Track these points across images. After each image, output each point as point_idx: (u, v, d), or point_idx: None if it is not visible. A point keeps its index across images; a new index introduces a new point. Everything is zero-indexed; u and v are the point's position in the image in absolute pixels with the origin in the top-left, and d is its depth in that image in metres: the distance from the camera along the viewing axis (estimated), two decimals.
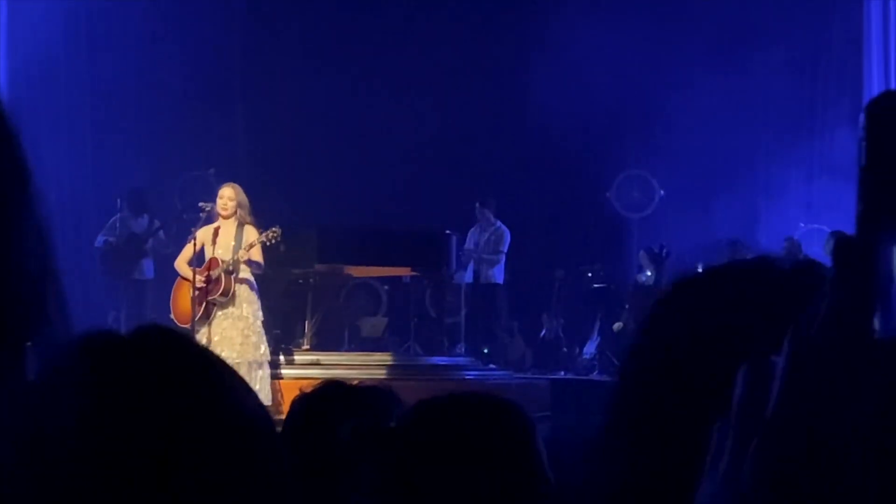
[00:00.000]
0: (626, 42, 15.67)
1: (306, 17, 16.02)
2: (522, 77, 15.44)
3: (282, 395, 10.41)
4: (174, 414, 0.94)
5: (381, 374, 11.40)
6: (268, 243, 10.33)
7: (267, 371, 10.21)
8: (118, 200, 13.61)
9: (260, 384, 9.97)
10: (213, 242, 10.01)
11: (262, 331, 10.26)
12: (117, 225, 13.41)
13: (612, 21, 15.76)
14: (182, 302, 10.33)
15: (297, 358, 11.95)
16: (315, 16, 16.08)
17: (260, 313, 10.23)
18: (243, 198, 10.13)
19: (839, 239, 0.80)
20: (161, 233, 13.09)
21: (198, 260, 10.33)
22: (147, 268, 13.18)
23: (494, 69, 15.71)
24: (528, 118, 15.48)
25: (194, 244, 10.03)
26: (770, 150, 15.29)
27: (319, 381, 2.50)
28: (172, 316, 10.37)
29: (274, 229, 10.27)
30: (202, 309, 9.98)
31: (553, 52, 15.33)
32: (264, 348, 10.24)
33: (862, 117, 0.82)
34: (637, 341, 1.14)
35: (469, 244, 14.08)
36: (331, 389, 2.44)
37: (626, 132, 15.69)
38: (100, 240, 13.50)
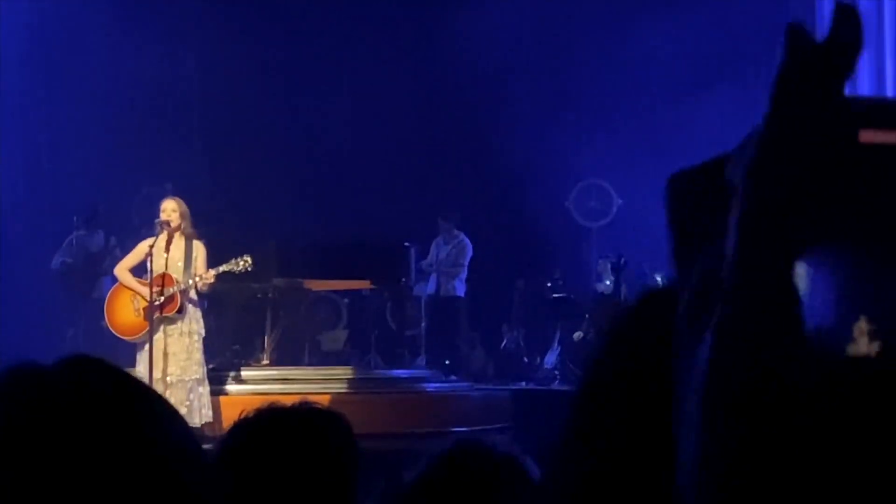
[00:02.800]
0: (583, 52, 15.74)
1: (264, 32, 15.97)
2: (480, 87, 15.46)
3: (222, 412, 10.34)
4: (98, 445, 0.91)
5: (341, 387, 11.37)
6: (237, 272, 10.31)
7: (208, 387, 10.13)
8: (74, 218, 13.52)
9: (202, 401, 9.92)
10: (165, 257, 9.92)
11: (202, 347, 10.21)
12: (73, 244, 13.31)
13: (569, 28, 15.84)
14: (122, 313, 10.20)
15: (257, 373, 11.89)
16: (273, 31, 16.05)
17: (203, 330, 10.18)
18: (185, 209, 10.09)
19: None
20: (118, 250, 12.99)
21: (136, 270, 10.25)
22: (105, 286, 13.09)
23: (451, 80, 15.72)
24: (485, 128, 15.50)
25: (150, 255, 9.91)
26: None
27: (256, 407, 2.43)
28: (109, 326, 10.24)
29: (245, 257, 10.24)
30: (149, 324, 9.90)
31: (510, 62, 15.36)
32: (204, 365, 10.19)
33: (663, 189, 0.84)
34: (596, 356, 1.14)
35: (431, 256, 14.08)
36: (267, 415, 2.37)
37: (584, 141, 15.74)
38: (56, 260, 13.39)
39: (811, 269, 0.76)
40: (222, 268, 10.18)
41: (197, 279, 9.97)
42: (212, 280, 10.05)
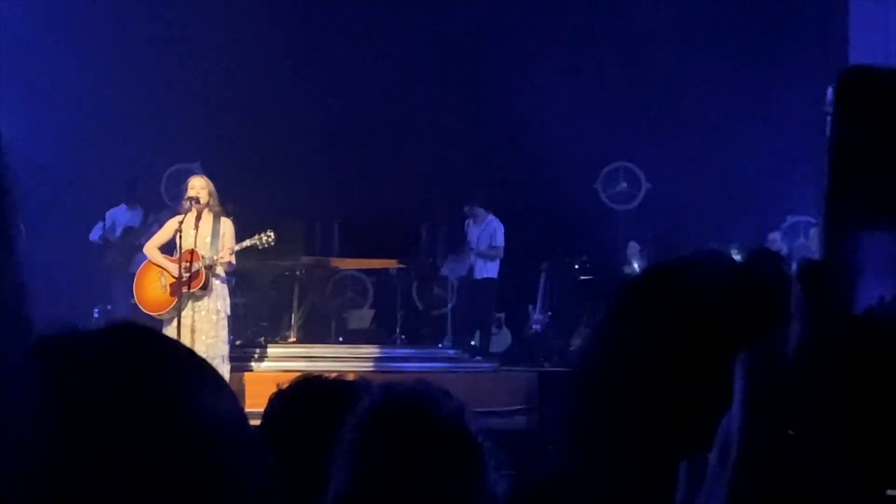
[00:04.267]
0: (615, 33, 15.68)
1: (293, 9, 15.97)
2: (509, 67, 15.42)
3: (245, 389, 10.40)
4: (147, 410, 0.91)
5: (367, 366, 11.40)
6: (260, 247, 10.35)
7: (229, 366, 10.18)
8: (106, 192, 13.58)
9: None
10: (194, 234, 9.97)
11: (228, 326, 10.26)
12: (112, 219, 13.35)
13: (600, 10, 15.78)
14: (150, 290, 10.27)
15: (284, 350, 11.94)
16: (302, 9, 16.04)
17: (229, 309, 10.22)
18: (212, 187, 10.13)
19: (804, 264, 0.79)
20: (156, 227, 13.01)
21: (165, 248, 10.31)
22: (142, 261, 13.09)
23: (481, 60, 15.68)
24: (514, 109, 15.46)
25: (179, 232, 9.96)
26: (758, 141, 15.30)
27: (296, 375, 2.48)
28: (137, 302, 10.31)
29: (268, 233, 10.28)
30: (175, 300, 9.95)
31: (540, 42, 15.32)
32: (228, 344, 10.24)
33: (830, 92, 0.80)
34: (593, 341, 1.13)
35: (468, 239, 14.09)
36: (307, 384, 2.41)
37: (614, 123, 15.68)
38: (95, 234, 13.42)
39: (872, 239, 0.76)
40: (246, 242, 10.22)
41: (221, 254, 10.01)
42: (231, 258, 10.08)
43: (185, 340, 9.62)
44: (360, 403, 2.03)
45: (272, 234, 10.29)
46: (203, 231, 10.03)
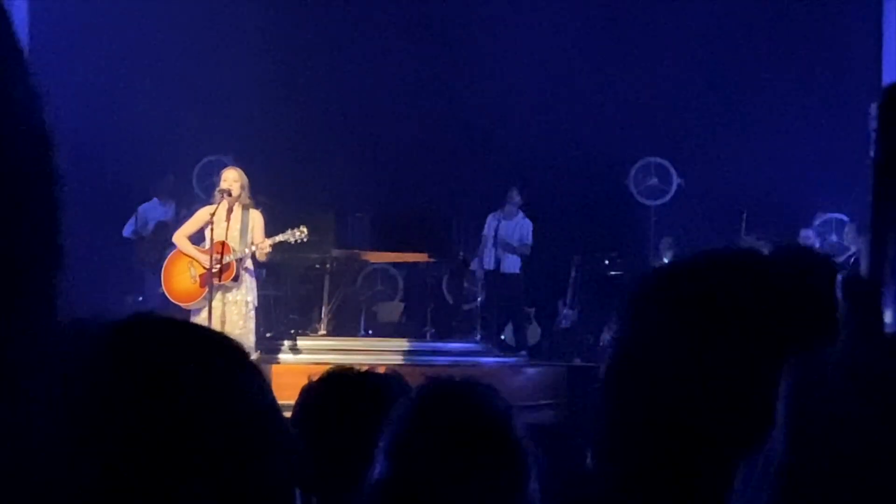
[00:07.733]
0: (646, 28, 15.63)
1: (326, 1, 15.99)
2: (541, 62, 15.39)
3: (273, 380, 10.40)
4: (181, 401, 0.91)
5: (396, 359, 11.41)
6: (293, 242, 10.38)
7: (256, 356, 10.20)
8: (136, 185, 13.63)
9: None
10: (225, 226, 9.99)
11: (255, 317, 10.29)
12: (144, 214, 13.39)
13: (631, 8, 15.73)
14: (179, 280, 10.29)
15: (313, 343, 11.97)
16: (335, 1, 16.06)
17: (256, 301, 10.25)
18: (246, 180, 10.16)
19: (847, 278, 0.79)
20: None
21: (193, 238, 10.34)
22: None
23: (512, 55, 15.65)
24: (545, 103, 15.44)
25: (210, 223, 9.98)
26: (790, 137, 15.22)
27: (328, 367, 2.51)
28: (166, 292, 10.33)
29: (301, 228, 10.31)
30: (205, 291, 9.99)
31: (571, 38, 15.28)
32: (255, 335, 10.27)
33: (874, 108, 0.80)
34: (617, 335, 1.13)
35: (489, 231, 14.00)
36: (339, 377, 2.44)
37: (645, 119, 15.63)
38: (128, 230, 13.46)
39: None
40: (278, 237, 10.25)
41: (253, 248, 10.04)
42: (268, 250, 10.11)
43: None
44: (407, 396, 2.04)
45: (305, 230, 10.32)
46: (234, 224, 10.07)
